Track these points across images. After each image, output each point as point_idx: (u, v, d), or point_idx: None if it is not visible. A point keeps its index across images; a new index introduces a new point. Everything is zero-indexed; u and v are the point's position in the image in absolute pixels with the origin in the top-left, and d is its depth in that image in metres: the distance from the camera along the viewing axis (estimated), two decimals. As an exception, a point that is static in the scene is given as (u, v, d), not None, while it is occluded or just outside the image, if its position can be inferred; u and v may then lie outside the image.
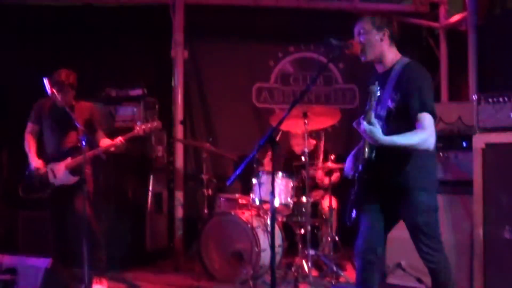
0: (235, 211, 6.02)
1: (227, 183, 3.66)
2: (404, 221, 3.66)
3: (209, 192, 6.48)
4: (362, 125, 3.35)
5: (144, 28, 7.61)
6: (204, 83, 8.04)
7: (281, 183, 5.97)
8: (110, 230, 5.59)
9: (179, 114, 7.41)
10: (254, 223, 5.74)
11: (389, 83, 3.55)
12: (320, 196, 6.51)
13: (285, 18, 7.82)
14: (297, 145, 6.73)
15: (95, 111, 5.73)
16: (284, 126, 6.10)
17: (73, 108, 5.47)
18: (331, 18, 7.48)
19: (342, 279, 5.73)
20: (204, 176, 6.42)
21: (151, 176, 7.03)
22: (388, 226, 3.77)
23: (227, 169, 7.72)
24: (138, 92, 7.00)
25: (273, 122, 5.90)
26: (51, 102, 5.47)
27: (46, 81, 5.13)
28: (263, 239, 5.70)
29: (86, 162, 5.36)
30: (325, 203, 6.26)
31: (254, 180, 6.02)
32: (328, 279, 5.77)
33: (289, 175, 6.07)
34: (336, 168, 6.10)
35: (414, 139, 3.41)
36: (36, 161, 5.45)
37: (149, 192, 7.00)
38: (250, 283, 5.42)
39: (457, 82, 7.66)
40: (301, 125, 5.76)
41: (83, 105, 5.62)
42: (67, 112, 5.14)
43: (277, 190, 5.92)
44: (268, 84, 8.14)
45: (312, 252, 5.77)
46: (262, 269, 5.74)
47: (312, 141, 6.67)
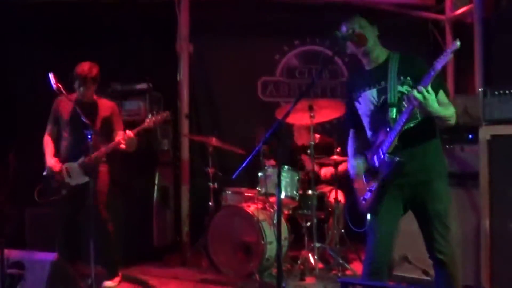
0: (241, 205, 6.03)
1: (233, 177, 3.66)
2: (420, 210, 3.65)
3: (215, 185, 6.49)
4: (421, 91, 3.30)
5: (150, 22, 7.60)
6: (209, 77, 8.04)
7: (286, 176, 5.98)
8: (117, 224, 5.59)
9: (185, 108, 7.40)
10: (260, 216, 5.75)
11: (391, 72, 3.58)
12: (326, 189, 6.50)
13: (290, 12, 7.80)
14: (301, 138, 6.73)
15: (116, 111, 5.67)
16: (290, 120, 6.10)
17: (96, 105, 5.47)
18: (336, 11, 7.45)
19: (348, 272, 5.73)
20: (210, 170, 6.43)
21: (157, 170, 7.04)
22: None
23: (232, 163, 7.72)
24: (143, 86, 7.00)
25: (279, 115, 5.91)
26: (68, 100, 5.36)
27: (51, 76, 5.10)
28: (269, 232, 5.71)
29: (100, 161, 5.35)
30: (332, 195, 6.26)
31: (260, 174, 6.03)
32: (335, 272, 5.79)
33: (294, 168, 6.08)
34: (342, 161, 6.10)
35: (450, 111, 3.52)
36: (50, 161, 5.41)
37: (155, 187, 7.00)
38: (256, 276, 5.43)
39: (463, 75, 7.63)
40: (307, 118, 5.77)
41: (105, 103, 5.60)
42: (85, 109, 5.09)
43: (283, 183, 5.93)
44: (273, 77, 8.14)
45: (318, 245, 5.79)
46: (268, 262, 5.75)
47: (317, 135, 6.67)
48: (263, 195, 5.97)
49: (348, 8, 7.31)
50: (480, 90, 4.83)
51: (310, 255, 5.83)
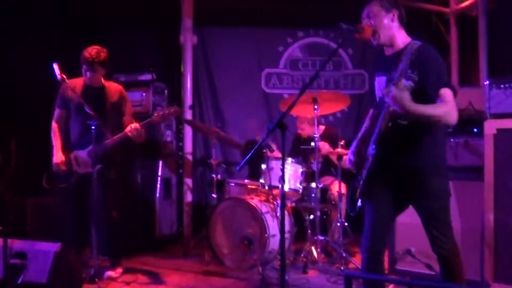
0: (244, 197, 6.02)
1: (237, 169, 3.65)
2: (417, 206, 3.63)
3: (218, 177, 6.48)
4: (391, 90, 3.32)
5: (153, 14, 7.58)
6: (213, 69, 8.05)
7: (290, 168, 5.96)
8: (119, 215, 5.59)
9: (188, 99, 7.41)
10: (263, 209, 5.74)
11: (403, 62, 3.48)
12: (329, 181, 6.49)
13: (294, 3, 7.77)
14: (304, 130, 6.72)
15: (124, 94, 5.57)
16: (294, 112, 6.08)
17: (103, 89, 5.42)
18: (340, 3, 7.42)
19: (351, 265, 5.73)
20: (213, 162, 6.41)
21: (160, 161, 7.04)
22: (397, 212, 3.76)
23: (236, 155, 7.73)
24: (147, 77, 7.00)
25: (283, 107, 5.89)
26: (79, 83, 5.32)
27: (56, 67, 5.07)
28: (272, 225, 5.70)
29: (109, 149, 5.32)
30: (335, 188, 6.24)
31: (263, 166, 6.02)
32: (337, 265, 5.77)
33: (297, 160, 6.06)
34: (346, 153, 6.07)
35: (439, 110, 3.40)
36: (57, 157, 5.36)
37: (158, 178, 7.00)
38: (259, 269, 5.43)
39: (468, 68, 7.60)
40: (311, 111, 5.75)
41: (113, 87, 5.53)
42: (93, 95, 5.05)
43: (287, 175, 5.91)
44: (277, 69, 8.13)
45: (321, 238, 5.78)
46: (271, 254, 5.75)
47: (321, 127, 6.64)
48: (266, 188, 5.96)
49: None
50: (485, 83, 4.80)
51: (313, 248, 5.83)
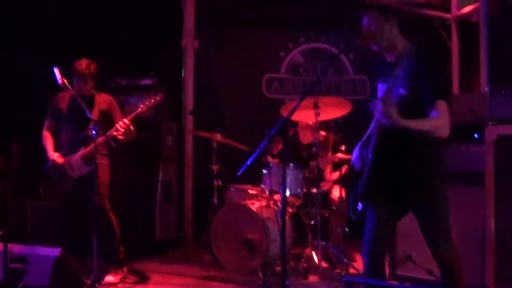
0: (245, 202, 6.02)
1: (238, 174, 3.65)
2: (417, 212, 3.62)
3: (219, 182, 6.47)
4: (378, 104, 3.32)
5: (155, 18, 7.59)
6: (214, 74, 8.06)
7: (291, 173, 5.96)
8: (120, 219, 5.59)
9: (189, 104, 7.39)
10: (264, 214, 5.74)
11: (401, 71, 3.50)
12: (329, 187, 6.48)
13: (296, 8, 7.79)
14: (305, 136, 6.71)
15: (114, 104, 5.70)
16: (295, 117, 6.07)
17: (93, 98, 5.52)
18: (341, 8, 7.43)
19: (352, 270, 5.72)
20: (214, 166, 6.40)
21: (160, 165, 7.03)
22: (397, 218, 3.75)
23: (237, 160, 7.71)
24: (148, 81, 7.01)
25: (284, 112, 5.88)
26: (68, 95, 5.47)
27: (57, 71, 5.10)
28: (273, 230, 5.70)
29: (99, 151, 5.35)
30: (335, 193, 6.24)
31: (264, 171, 6.01)
32: (338, 270, 5.76)
33: (299, 166, 6.06)
34: (347, 159, 6.08)
35: (429, 125, 3.41)
36: (52, 154, 5.47)
37: (159, 182, 6.99)
38: (260, 274, 5.42)
39: (469, 73, 7.60)
40: (312, 116, 5.74)
41: (102, 97, 5.65)
42: (84, 101, 5.12)
43: (288, 180, 5.91)
44: (278, 74, 8.14)
45: (322, 243, 5.77)
46: (271, 260, 5.74)
47: (322, 133, 6.64)
48: (267, 193, 5.95)
49: (354, 4, 7.27)
50: (487, 88, 4.80)
51: (313, 253, 5.81)
